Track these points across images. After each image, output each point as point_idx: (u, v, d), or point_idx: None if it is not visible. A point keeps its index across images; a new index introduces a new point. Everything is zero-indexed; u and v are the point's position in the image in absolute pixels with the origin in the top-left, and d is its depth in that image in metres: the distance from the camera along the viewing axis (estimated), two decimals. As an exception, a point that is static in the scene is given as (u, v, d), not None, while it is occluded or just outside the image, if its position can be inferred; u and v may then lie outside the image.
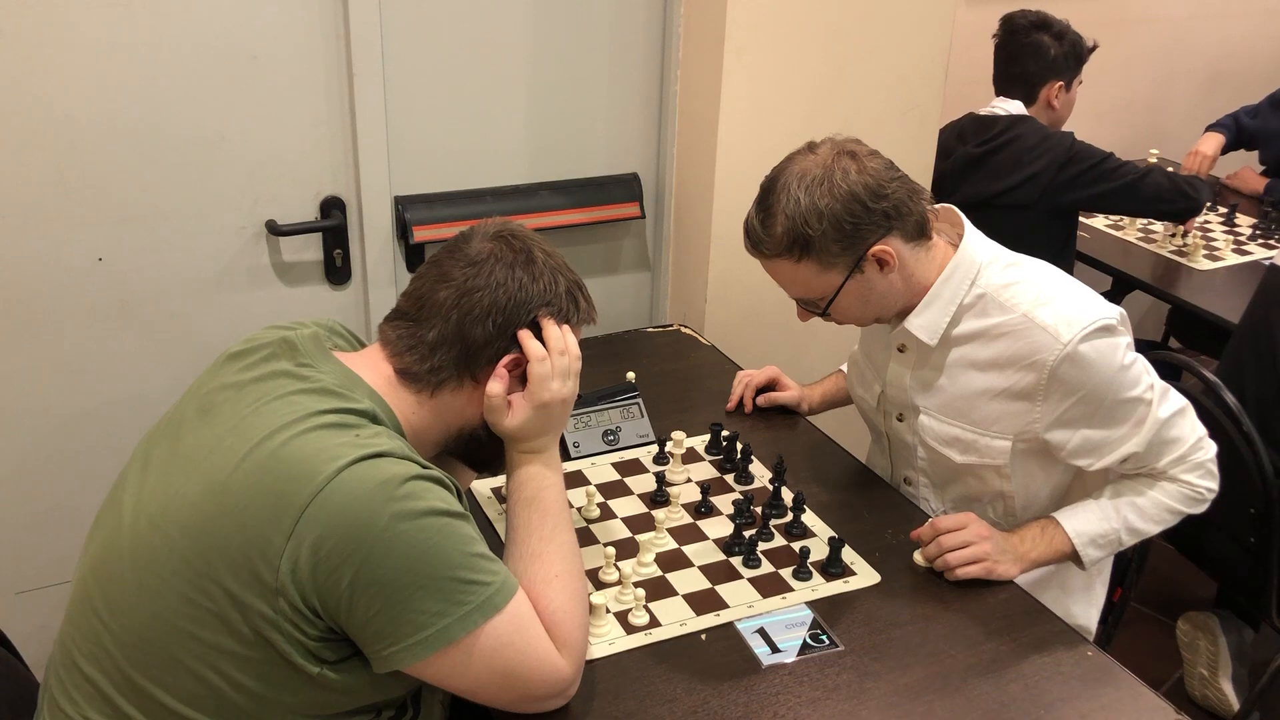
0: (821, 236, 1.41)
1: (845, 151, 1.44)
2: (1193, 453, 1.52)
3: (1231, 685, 2.29)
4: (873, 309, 1.52)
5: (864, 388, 1.73)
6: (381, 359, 1.22)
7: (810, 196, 1.41)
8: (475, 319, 1.20)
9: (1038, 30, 2.58)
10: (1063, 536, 1.53)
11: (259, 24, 1.79)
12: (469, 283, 1.21)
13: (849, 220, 1.41)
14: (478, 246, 1.23)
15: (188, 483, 1.10)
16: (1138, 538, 1.55)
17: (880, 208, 1.42)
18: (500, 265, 1.22)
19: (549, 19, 2.04)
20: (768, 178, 1.48)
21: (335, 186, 1.96)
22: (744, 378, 1.90)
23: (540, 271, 1.24)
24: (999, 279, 1.50)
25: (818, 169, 1.42)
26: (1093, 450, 1.50)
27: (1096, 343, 1.43)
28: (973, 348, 1.52)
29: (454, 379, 1.22)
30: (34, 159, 1.71)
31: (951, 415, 1.56)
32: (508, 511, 1.27)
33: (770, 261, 1.50)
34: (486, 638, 1.09)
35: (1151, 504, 1.53)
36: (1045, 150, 2.47)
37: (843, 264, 1.45)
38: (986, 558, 1.46)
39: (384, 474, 1.06)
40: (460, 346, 1.20)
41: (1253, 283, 2.42)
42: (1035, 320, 1.45)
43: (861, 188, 1.41)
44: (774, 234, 1.44)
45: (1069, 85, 2.62)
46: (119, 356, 1.89)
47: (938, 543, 1.48)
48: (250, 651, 1.06)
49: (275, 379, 1.15)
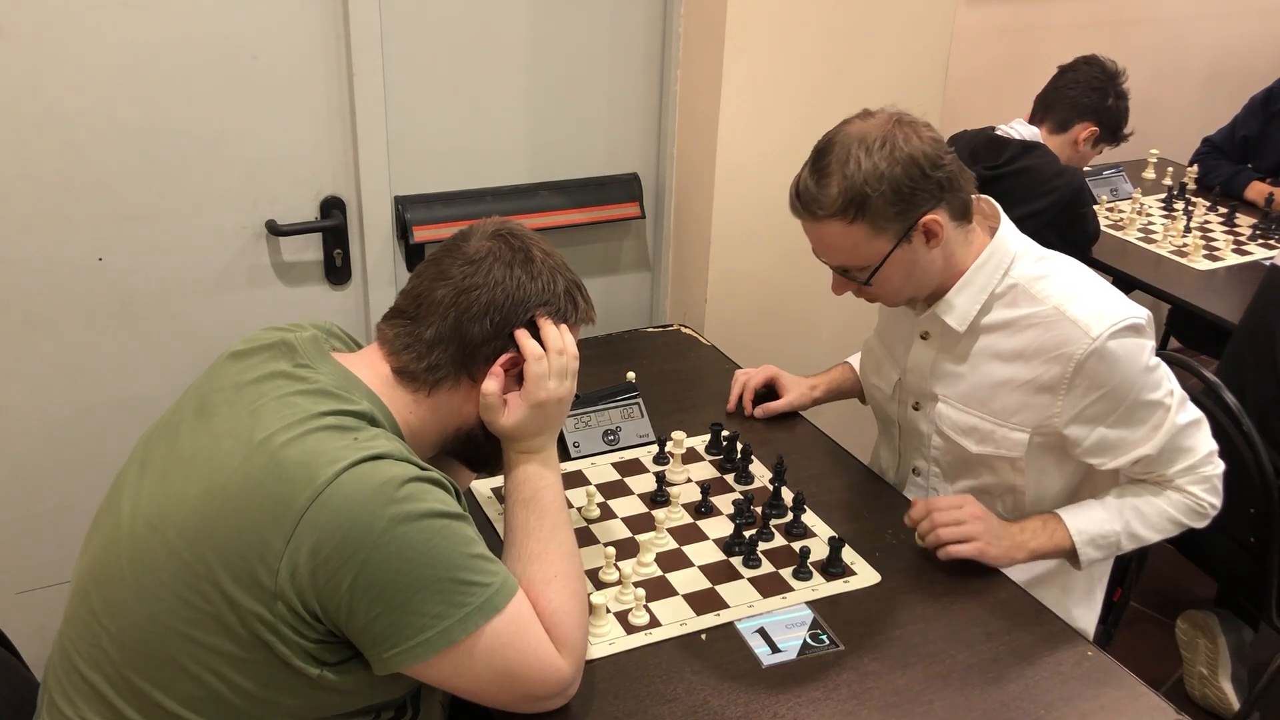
0: (880, 198, 1.41)
1: (902, 120, 1.44)
2: (1202, 465, 1.52)
3: (1231, 685, 2.29)
4: (912, 283, 1.52)
5: (879, 375, 1.72)
6: (379, 358, 1.22)
7: (871, 158, 1.40)
8: (473, 317, 1.20)
9: (1109, 78, 2.67)
10: (1064, 532, 1.53)
11: (259, 24, 1.79)
12: (467, 281, 1.20)
13: (907, 184, 1.41)
14: (476, 245, 1.23)
15: (186, 485, 1.10)
16: (1137, 544, 1.55)
17: (936, 177, 1.43)
18: (499, 264, 1.21)
19: (549, 19, 2.04)
20: (823, 140, 1.47)
21: (335, 186, 1.96)
22: (741, 377, 1.90)
23: (539, 270, 1.23)
24: (1031, 271, 1.51)
25: (878, 132, 1.42)
26: (1109, 449, 1.50)
27: (1125, 341, 1.43)
28: (999, 337, 1.52)
29: (451, 378, 1.22)
30: (34, 159, 1.71)
31: (971, 404, 1.56)
32: (506, 512, 1.27)
33: (820, 224, 1.47)
34: (487, 639, 1.09)
35: (1155, 512, 1.54)
36: (1056, 188, 2.51)
37: (893, 230, 1.44)
38: (979, 538, 1.46)
39: (383, 476, 1.06)
40: (458, 345, 1.20)
41: (1253, 283, 2.42)
42: (1066, 313, 1.46)
43: (921, 154, 1.41)
44: (829, 194, 1.43)
45: (1098, 140, 2.70)
46: (119, 356, 1.89)
47: (930, 518, 1.48)
48: (249, 654, 1.06)
49: (273, 380, 1.15)
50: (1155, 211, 3.04)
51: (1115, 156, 3.27)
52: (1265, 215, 2.96)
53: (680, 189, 2.25)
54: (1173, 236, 2.85)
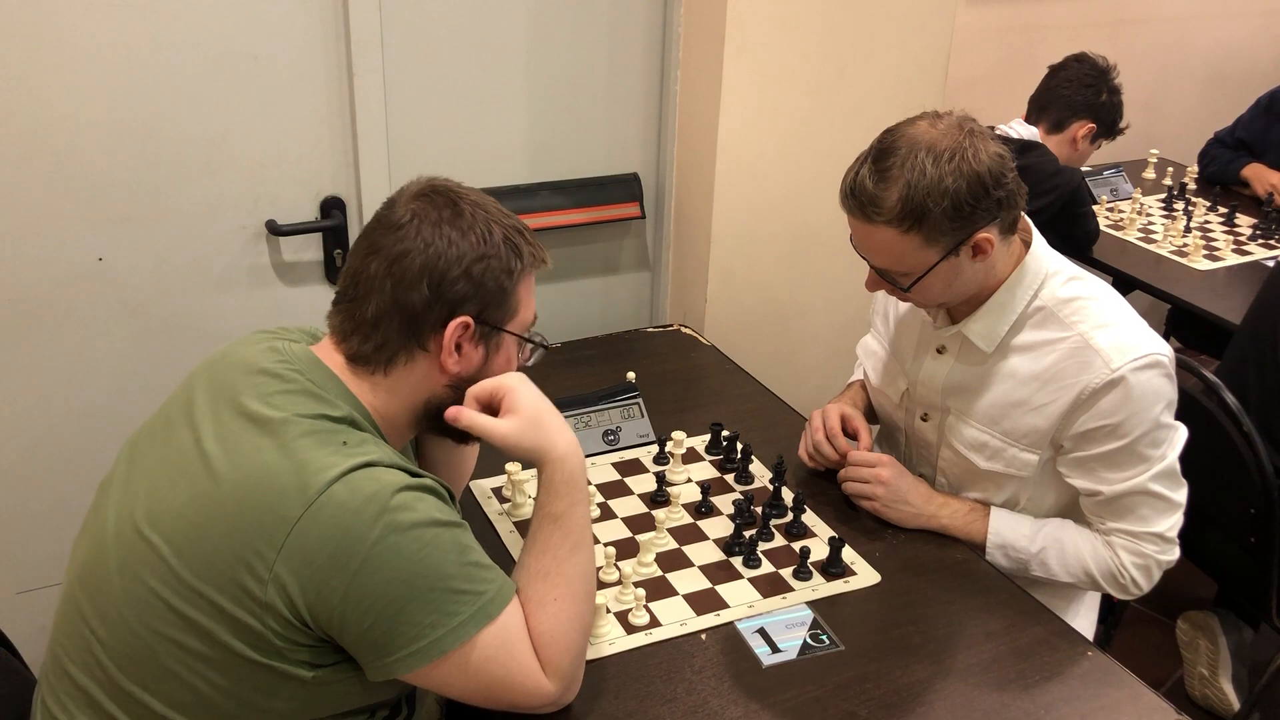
0: (939, 213, 1.36)
1: (972, 130, 1.39)
2: (1145, 540, 1.49)
3: (1231, 685, 2.29)
4: (950, 293, 1.48)
5: (887, 384, 1.71)
6: (332, 349, 1.19)
7: (939, 170, 1.35)
8: (409, 284, 1.13)
9: (1101, 74, 2.66)
10: (981, 527, 1.55)
11: (259, 24, 1.79)
12: (396, 248, 1.14)
13: (969, 202, 1.36)
14: (402, 209, 1.17)
15: (173, 490, 1.09)
16: (1045, 574, 1.54)
17: (996, 195, 1.38)
18: (426, 224, 1.15)
19: (549, 19, 2.04)
20: (886, 139, 1.41)
21: (335, 186, 1.96)
22: (818, 421, 1.69)
23: (470, 223, 1.16)
24: (1062, 293, 1.49)
25: (948, 142, 1.36)
26: (1076, 469, 1.50)
27: (1144, 375, 1.41)
28: (1019, 358, 1.50)
29: (403, 352, 1.16)
30: (34, 159, 1.71)
31: (983, 421, 1.55)
32: (532, 521, 1.22)
33: (872, 226, 1.41)
34: (477, 649, 1.08)
35: (1074, 555, 1.52)
36: (1055, 185, 2.51)
37: (945, 243, 1.40)
38: (877, 499, 1.58)
39: (374, 486, 1.05)
40: (400, 317, 1.15)
41: (1253, 282, 2.42)
42: (1091, 342, 1.44)
43: (987, 171, 1.37)
44: (888, 200, 1.37)
45: (1095, 136, 2.69)
46: (119, 356, 1.89)
47: (844, 471, 1.62)
48: (239, 660, 1.05)
49: (252, 378, 1.14)
50: (1155, 211, 3.04)
51: (1115, 156, 3.27)
52: (1265, 215, 2.96)
53: (680, 189, 2.25)
54: (1173, 236, 2.85)
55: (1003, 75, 3.17)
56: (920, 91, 2.25)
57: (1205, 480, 1.69)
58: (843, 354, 1.95)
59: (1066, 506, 1.60)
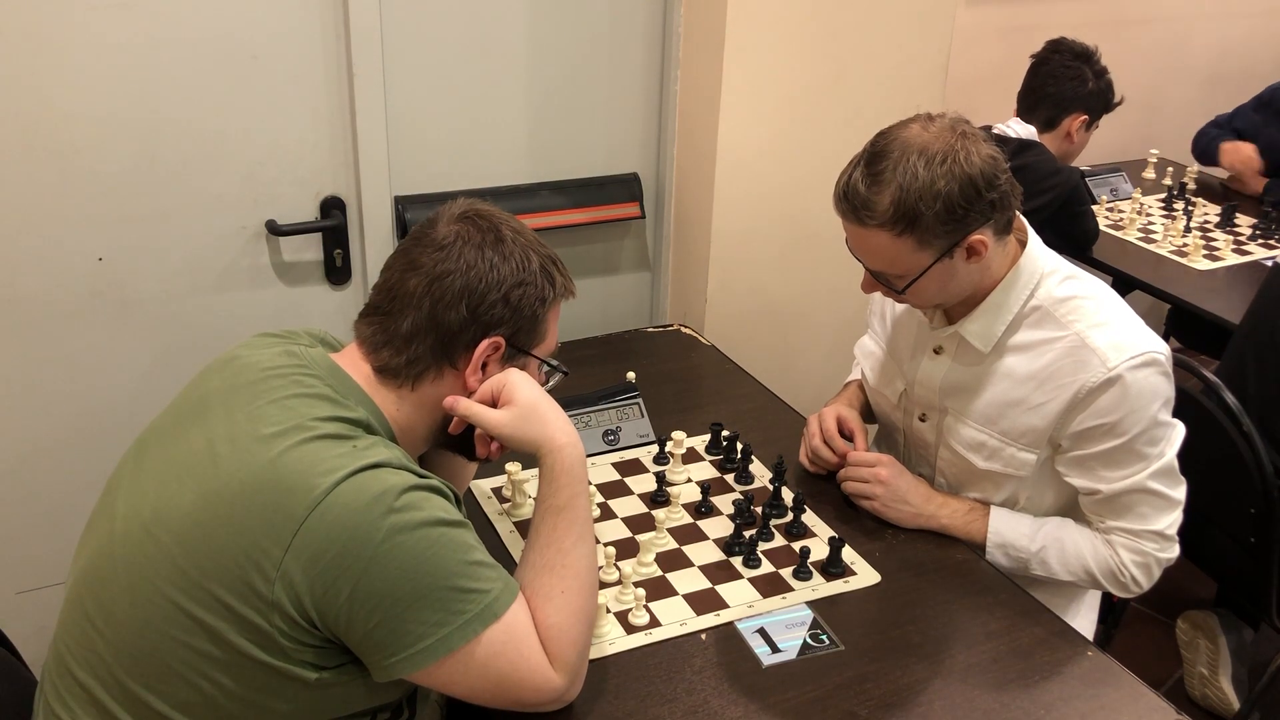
0: (932, 216, 1.36)
1: (964, 132, 1.39)
2: (1145, 538, 1.49)
3: (1231, 685, 2.29)
4: (945, 294, 1.49)
5: (884, 384, 1.71)
6: (359, 358, 1.20)
7: (931, 173, 1.35)
8: (448, 304, 1.17)
9: (1082, 60, 2.62)
10: (981, 526, 1.55)
11: (259, 24, 1.79)
12: (438, 268, 1.17)
13: (962, 205, 1.37)
14: (444, 230, 1.20)
15: (181, 489, 1.09)
16: (1046, 573, 1.55)
17: (989, 197, 1.38)
18: (469, 247, 1.18)
19: (549, 19, 2.04)
20: (879, 142, 1.41)
21: (335, 186, 1.96)
22: (816, 426, 1.70)
23: (510, 250, 1.20)
24: (1058, 292, 1.49)
25: (940, 145, 1.36)
26: (1075, 469, 1.50)
27: (1141, 374, 1.41)
28: (1016, 358, 1.51)
29: (433, 369, 1.19)
30: (34, 159, 1.71)
31: (980, 421, 1.55)
32: (534, 515, 1.23)
33: (865, 230, 1.41)
34: (483, 646, 1.08)
35: (1075, 554, 1.53)
36: (1054, 185, 2.50)
37: (938, 246, 1.40)
38: (876, 499, 1.58)
39: (381, 486, 1.05)
40: (435, 335, 1.18)
41: (1253, 283, 2.42)
42: (1087, 341, 1.44)
43: (979, 174, 1.37)
44: (881, 203, 1.37)
45: (1090, 124, 2.67)
46: (119, 356, 1.89)
47: (844, 470, 1.62)
48: (244, 660, 1.05)
49: (269, 382, 1.15)
50: (1155, 211, 3.04)
51: (1115, 157, 3.27)
52: (1265, 215, 2.96)
53: (680, 189, 2.25)
54: (1173, 236, 2.85)
55: (1003, 75, 3.16)
56: (920, 92, 2.25)
57: (1205, 480, 1.69)
58: (843, 353, 1.96)
59: (1066, 505, 1.60)
